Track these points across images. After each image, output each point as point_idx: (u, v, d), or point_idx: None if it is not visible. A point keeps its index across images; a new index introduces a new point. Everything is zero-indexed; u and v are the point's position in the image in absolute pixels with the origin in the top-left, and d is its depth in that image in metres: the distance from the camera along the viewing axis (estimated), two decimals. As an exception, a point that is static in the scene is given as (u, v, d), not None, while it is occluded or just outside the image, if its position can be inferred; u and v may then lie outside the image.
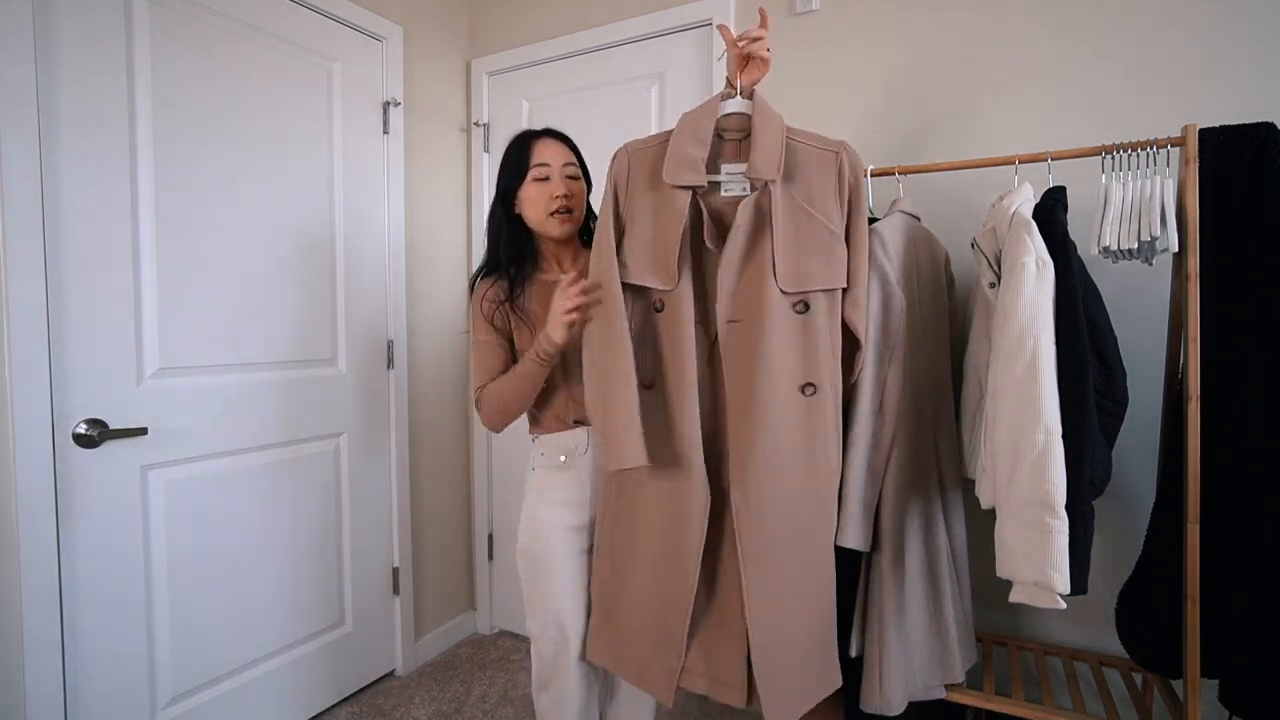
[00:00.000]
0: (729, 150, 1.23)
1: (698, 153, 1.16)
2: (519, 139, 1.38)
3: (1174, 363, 1.36)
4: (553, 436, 1.37)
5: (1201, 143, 1.23)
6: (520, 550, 1.38)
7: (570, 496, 1.35)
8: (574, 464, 1.35)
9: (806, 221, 1.15)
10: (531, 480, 1.39)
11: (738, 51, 1.17)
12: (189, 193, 1.62)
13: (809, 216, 1.15)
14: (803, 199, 1.16)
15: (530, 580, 1.37)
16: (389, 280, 2.14)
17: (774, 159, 1.13)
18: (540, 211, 1.33)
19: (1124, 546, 1.50)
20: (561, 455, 1.35)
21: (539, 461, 1.38)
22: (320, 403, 1.94)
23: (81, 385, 1.44)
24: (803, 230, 1.15)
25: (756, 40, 1.14)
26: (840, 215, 1.17)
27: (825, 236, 1.15)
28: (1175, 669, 1.28)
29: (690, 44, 2.03)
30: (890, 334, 1.29)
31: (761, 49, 1.15)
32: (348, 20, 1.99)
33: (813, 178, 1.16)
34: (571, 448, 1.35)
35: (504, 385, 1.31)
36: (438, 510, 2.36)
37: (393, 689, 2.12)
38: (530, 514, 1.37)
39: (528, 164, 1.33)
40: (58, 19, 1.39)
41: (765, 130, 1.15)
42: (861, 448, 1.28)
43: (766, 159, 1.13)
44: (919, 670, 1.32)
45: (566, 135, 1.40)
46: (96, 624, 1.47)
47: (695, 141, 1.17)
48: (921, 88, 1.71)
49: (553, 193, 1.32)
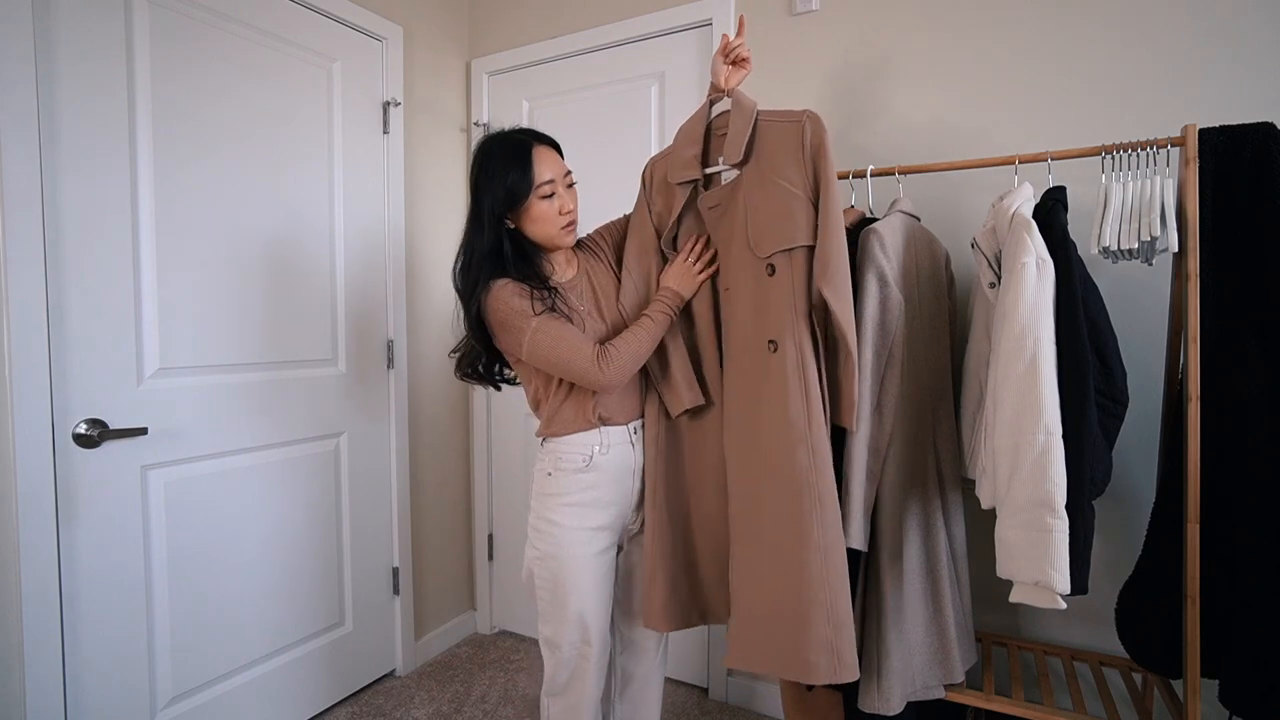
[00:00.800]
0: (720, 145, 1.35)
1: (693, 152, 1.33)
2: (517, 150, 1.29)
3: (1174, 363, 1.36)
4: (573, 438, 1.33)
5: (1201, 143, 1.23)
6: (540, 559, 1.34)
7: (592, 497, 1.34)
8: (595, 464, 1.33)
9: (774, 190, 1.26)
10: (547, 485, 1.35)
11: (727, 59, 1.31)
12: (189, 192, 1.62)
13: (775, 185, 1.26)
14: (770, 170, 1.27)
15: (552, 588, 1.33)
16: (389, 280, 2.14)
17: (740, 143, 1.27)
18: (553, 228, 1.31)
19: (1124, 546, 1.50)
20: (582, 457, 1.33)
21: (557, 465, 1.34)
22: (320, 402, 1.94)
23: (81, 385, 1.44)
24: (770, 198, 1.26)
25: (739, 45, 1.30)
26: (802, 177, 1.23)
27: (786, 199, 1.24)
28: (1175, 669, 1.28)
29: (690, 44, 2.03)
30: (888, 334, 1.29)
31: (744, 51, 1.30)
32: (348, 20, 1.99)
33: (778, 149, 1.26)
34: (593, 447, 1.34)
35: (635, 337, 1.28)
36: (438, 510, 2.36)
37: (393, 689, 2.12)
38: (548, 520, 1.33)
39: (532, 181, 1.27)
40: (58, 19, 1.39)
41: (736, 119, 1.29)
42: (859, 447, 1.28)
43: (734, 144, 1.28)
44: (918, 670, 1.32)
45: (554, 139, 1.36)
46: (96, 624, 1.47)
47: (690, 143, 1.34)
48: (921, 87, 1.71)
49: (563, 209, 1.31)
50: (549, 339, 1.24)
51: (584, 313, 1.33)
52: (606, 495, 1.35)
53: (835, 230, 1.18)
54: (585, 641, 1.33)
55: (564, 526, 1.32)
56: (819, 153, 1.22)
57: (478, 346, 1.33)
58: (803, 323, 1.22)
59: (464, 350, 1.37)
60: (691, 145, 1.34)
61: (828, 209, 1.20)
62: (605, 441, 1.34)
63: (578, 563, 1.32)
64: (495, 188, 1.27)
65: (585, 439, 1.34)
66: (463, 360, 1.38)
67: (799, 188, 1.23)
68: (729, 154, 1.28)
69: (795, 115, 1.25)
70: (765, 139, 1.27)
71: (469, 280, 1.29)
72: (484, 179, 1.28)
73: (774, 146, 1.26)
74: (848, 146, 1.80)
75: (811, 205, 1.22)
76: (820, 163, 1.22)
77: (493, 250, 1.28)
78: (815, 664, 1.15)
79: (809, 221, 1.21)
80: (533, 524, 1.36)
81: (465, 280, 1.30)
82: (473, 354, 1.36)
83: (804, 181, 1.23)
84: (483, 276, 1.28)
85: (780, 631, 1.19)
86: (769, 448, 1.23)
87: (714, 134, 1.36)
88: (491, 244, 1.28)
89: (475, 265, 1.28)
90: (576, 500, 1.33)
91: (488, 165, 1.29)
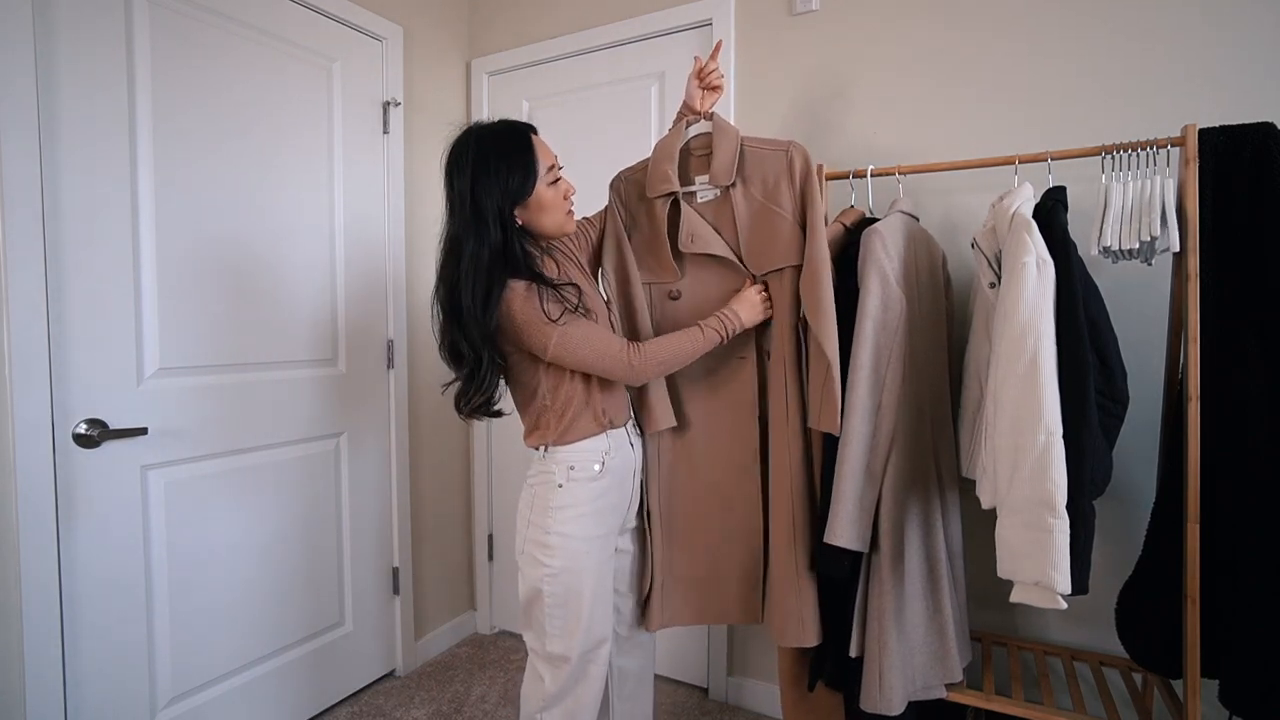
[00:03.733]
0: (699, 165, 1.43)
1: (670, 168, 1.39)
2: (517, 140, 1.24)
3: (1174, 363, 1.37)
4: (584, 445, 1.29)
5: (1201, 143, 1.23)
6: (553, 575, 1.26)
7: (605, 504, 1.32)
8: (607, 468, 1.31)
9: (763, 213, 1.36)
10: (558, 497, 1.27)
11: (701, 84, 1.40)
12: (189, 191, 1.62)
13: (765, 208, 1.36)
14: (759, 194, 1.37)
15: (564, 603, 1.27)
16: (389, 280, 2.14)
17: (728, 166, 1.36)
18: (560, 214, 1.30)
19: (1124, 546, 1.50)
20: (596, 464, 1.30)
21: (568, 475, 1.27)
22: (320, 403, 1.94)
23: (81, 385, 1.44)
24: (760, 220, 1.37)
25: (713, 70, 1.40)
26: (792, 202, 1.35)
27: (778, 222, 1.35)
28: (1175, 669, 1.28)
29: (690, 44, 2.03)
30: (889, 333, 1.30)
31: (718, 78, 1.41)
32: (348, 20, 1.99)
33: (766, 174, 1.36)
34: (603, 452, 1.31)
35: (675, 345, 1.28)
36: (438, 510, 2.36)
37: (393, 689, 2.12)
38: (560, 534, 1.26)
39: (539, 168, 1.24)
40: (58, 19, 1.39)
41: (722, 144, 1.37)
42: (857, 447, 1.28)
43: (723, 167, 1.36)
44: (919, 670, 1.32)
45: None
46: (96, 623, 1.47)
47: (667, 159, 1.40)
48: (921, 87, 1.71)
49: (569, 192, 1.31)
50: (579, 335, 1.21)
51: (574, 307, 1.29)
52: (614, 499, 1.34)
53: (820, 253, 1.29)
54: (597, 647, 1.31)
55: (579, 538, 1.27)
56: (807, 180, 1.34)
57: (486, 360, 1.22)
58: (791, 335, 1.37)
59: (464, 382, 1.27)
60: (669, 160, 1.40)
61: (814, 232, 1.31)
62: (612, 445, 1.33)
63: (591, 573, 1.28)
64: (501, 182, 1.20)
65: (596, 444, 1.31)
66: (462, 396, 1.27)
67: (789, 212, 1.34)
68: (719, 175, 1.36)
69: (781, 144, 1.36)
70: (751, 164, 1.37)
71: (473, 292, 1.17)
72: (481, 175, 1.20)
73: (762, 172, 1.36)
74: (847, 146, 1.79)
75: (799, 228, 1.34)
76: (808, 189, 1.33)
77: (500, 253, 1.20)
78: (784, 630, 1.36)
79: (797, 244, 1.34)
80: (538, 541, 1.28)
81: (468, 294, 1.17)
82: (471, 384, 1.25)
83: (793, 206, 1.34)
84: (495, 284, 1.18)
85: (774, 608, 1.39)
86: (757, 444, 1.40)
87: (691, 154, 1.44)
88: (499, 247, 1.19)
89: (481, 274, 1.17)
90: (590, 509, 1.29)
91: (484, 161, 1.20)
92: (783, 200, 1.34)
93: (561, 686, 1.30)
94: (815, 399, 1.32)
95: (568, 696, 1.31)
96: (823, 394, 1.30)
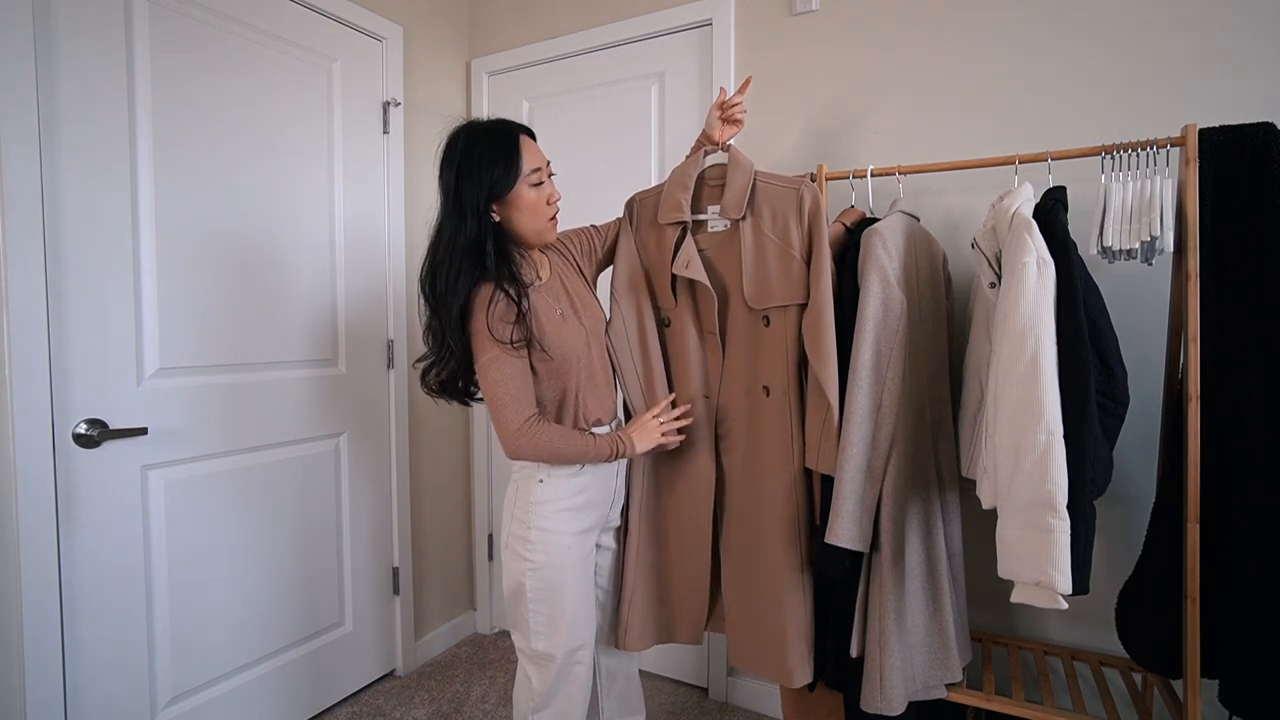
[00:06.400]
0: (712, 194, 1.45)
1: (683, 196, 1.42)
2: (503, 137, 1.24)
3: (1174, 362, 1.37)
4: None
5: (1201, 143, 1.23)
6: (535, 569, 1.28)
7: (585, 500, 1.33)
8: (588, 466, 1.32)
9: (771, 248, 1.37)
10: (539, 492, 1.29)
11: (723, 116, 1.42)
12: (188, 191, 1.62)
13: (773, 243, 1.37)
14: (768, 229, 1.37)
15: (547, 598, 1.28)
16: (389, 280, 2.14)
17: (740, 200, 1.37)
18: (541, 219, 1.28)
19: (1124, 546, 1.50)
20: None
21: (549, 471, 1.29)
22: (320, 403, 1.94)
23: (81, 385, 1.44)
24: (767, 255, 1.37)
25: (736, 105, 1.42)
26: (800, 240, 1.35)
27: (786, 259, 1.36)
28: (1175, 669, 1.28)
29: (690, 44, 2.03)
30: (890, 333, 1.30)
31: (740, 112, 1.43)
32: (348, 20, 1.99)
33: (776, 210, 1.37)
34: None
35: (566, 444, 1.25)
36: (438, 510, 2.36)
37: (393, 689, 2.12)
38: (541, 529, 1.28)
39: (521, 167, 1.23)
40: (58, 19, 1.39)
41: (735, 176, 1.39)
42: (857, 447, 1.28)
43: (735, 200, 1.38)
44: (920, 670, 1.32)
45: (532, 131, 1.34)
46: (96, 624, 1.47)
47: (682, 188, 1.43)
48: (922, 87, 1.71)
49: (551, 198, 1.29)
50: (502, 374, 1.20)
51: (559, 314, 1.30)
52: (596, 496, 1.35)
53: (824, 297, 1.30)
54: (581, 646, 1.31)
55: (559, 533, 1.29)
56: (815, 220, 1.34)
57: (455, 348, 1.23)
58: (793, 371, 1.36)
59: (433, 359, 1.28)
60: (683, 189, 1.42)
61: (819, 276, 1.31)
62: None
63: (572, 568, 1.30)
64: (480, 176, 1.20)
65: None
66: (430, 370, 1.28)
67: (796, 249, 1.35)
68: (729, 208, 1.38)
69: (793, 182, 1.37)
70: (762, 199, 1.38)
71: (447, 277, 1.20)
72: (466, 168, 1.21)
73: (772, 207, 1.37)
74: (846, 146, 1.80)
75: (805, 264, 1.35)
76: (816, 229, 1.34)
77: (473, 245, 1.21)
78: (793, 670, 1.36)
79: (803, 281, 1.35)
80: (520, 535, 1.30)
81: (442, 279, 1.21)
82: (442, 361, 1.26)
83: (801, 244, 1.35)
84: (464, 274, 1.20)
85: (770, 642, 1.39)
86: (765, 484, 1.39)
87: (706, 183, 1.46)
88: (473, 239, 1.20)
89: (455, 262, 1.20)
90: (570, 505, 1.31)
91: (470, 154, 1.21)
92: (791, 237, 1.35)
93: (549, 686, 1.30)
94: (814, 439, 1.33)
95: (557, 697, 1.31)
96: (822, 434, 1.31)
